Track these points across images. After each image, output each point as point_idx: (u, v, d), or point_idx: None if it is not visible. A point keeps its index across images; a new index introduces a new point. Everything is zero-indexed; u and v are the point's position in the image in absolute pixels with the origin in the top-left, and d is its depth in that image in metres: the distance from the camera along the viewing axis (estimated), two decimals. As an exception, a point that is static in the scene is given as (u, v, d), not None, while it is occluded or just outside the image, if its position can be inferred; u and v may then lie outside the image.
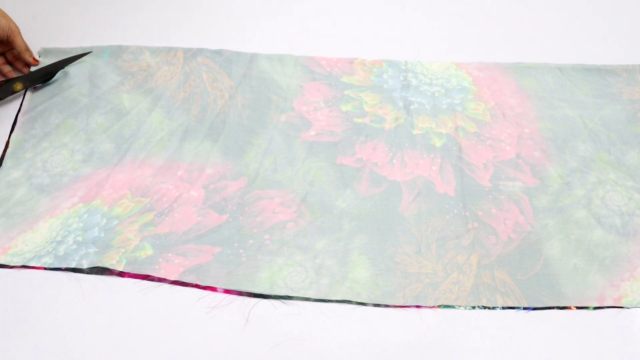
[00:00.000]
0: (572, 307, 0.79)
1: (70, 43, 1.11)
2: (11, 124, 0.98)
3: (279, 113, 1.01)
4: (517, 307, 0.79)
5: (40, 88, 1.02)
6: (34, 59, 1.06)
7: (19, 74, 1.05)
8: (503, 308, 0.79)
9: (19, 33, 1.04)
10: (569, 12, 1.19)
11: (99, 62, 1.07)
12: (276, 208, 0.88)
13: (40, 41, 1.11)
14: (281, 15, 1.19)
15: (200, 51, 1.09)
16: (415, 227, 0.86)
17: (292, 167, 0.93)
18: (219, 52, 1.09)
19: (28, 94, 1.01)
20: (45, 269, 0.81)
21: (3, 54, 1.06)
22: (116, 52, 1.08)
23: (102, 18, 1.17)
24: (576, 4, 1.21)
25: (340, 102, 1.02)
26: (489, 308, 0.79)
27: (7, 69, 1.05)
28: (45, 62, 1.07)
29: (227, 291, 0.80)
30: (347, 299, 0.79)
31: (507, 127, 0.99)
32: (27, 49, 1.05)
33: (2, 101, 1.00)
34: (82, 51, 1.07)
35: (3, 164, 0.93)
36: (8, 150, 0.95)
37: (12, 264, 0.82)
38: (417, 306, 0.79)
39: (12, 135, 0.96)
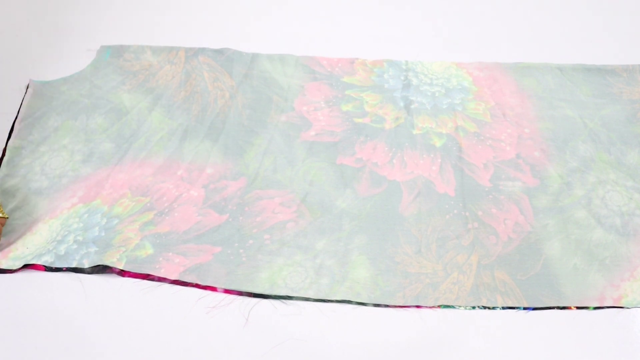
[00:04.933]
0: (572, 307, 0.79)
1: (73, 42, 1.11)
2: (8, 132, 0.96)
3: (279, 113, 1.00)
4: (517, 307, 0.79)
5: (39, 92, 1.00)
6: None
7: None
8: (503, 308, 0.79)
9: None
10: (569, 12, 1.19)
11: (100, 62, 1.07)
12: (276, 208, 0.88)
13: (43, 41, 1.11)
14: (282, 16, 1.19)
15: (201, 50, 1.09)
16: (415, 227, 0.86)
17: (292, 167, 0.93)
18: (220, 52, 1.09)
19: (26, 99, 0.99)
20: (45, 268, 0.81)
21: None
22: (118, 51, 1.08)
23: (105, 18, 1.17)
24: (576, 4, 1.21)
25: (341, 102, 1.02)
26: (489, 308, 0.79)
27: None
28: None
29: (227, 291, 0.80)
30: (347, 299, 0.79)
31: (507, 127, 0.99)
32: None
33: None
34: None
35: None
36: (5, 158, 0.93)
37: (14, 268, 0.81)
38: (417, 306, 0.79)
39: (9, 142, 0.94)
